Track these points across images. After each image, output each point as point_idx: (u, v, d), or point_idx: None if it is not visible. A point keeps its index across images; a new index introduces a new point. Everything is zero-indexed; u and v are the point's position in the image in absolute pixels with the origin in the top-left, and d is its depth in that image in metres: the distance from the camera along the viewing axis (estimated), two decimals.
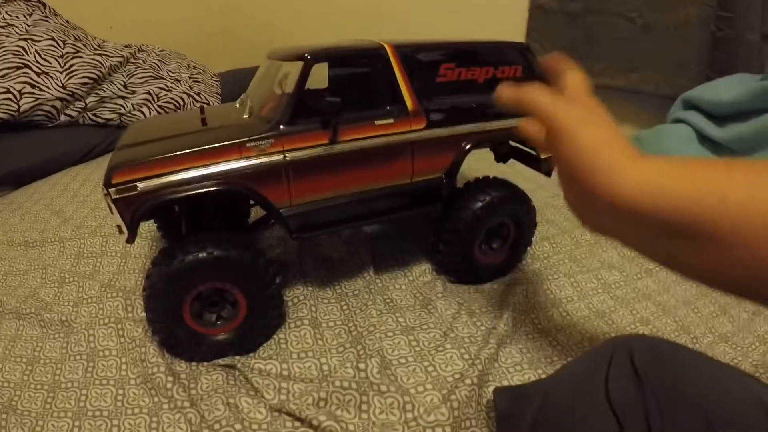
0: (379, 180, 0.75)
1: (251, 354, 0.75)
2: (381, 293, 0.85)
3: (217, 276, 0.69)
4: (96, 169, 1.35)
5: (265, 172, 0.68)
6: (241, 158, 0.66)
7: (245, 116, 0.75)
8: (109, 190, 0.64)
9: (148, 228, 1.00)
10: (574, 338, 0.77)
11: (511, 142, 0.90)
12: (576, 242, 1.01)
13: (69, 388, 0.72)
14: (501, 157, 0.96)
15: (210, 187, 0.66)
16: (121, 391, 0.71)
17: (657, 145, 1.37)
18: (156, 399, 0.69)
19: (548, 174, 0.91)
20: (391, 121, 0.72)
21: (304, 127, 0.68)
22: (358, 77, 0.74)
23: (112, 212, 0.66)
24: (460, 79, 0.78)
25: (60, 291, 0.91)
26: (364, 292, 0.85)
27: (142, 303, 0.84)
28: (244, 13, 2.19)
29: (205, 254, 0.67)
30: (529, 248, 0.95)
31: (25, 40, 1.40)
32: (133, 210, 0.65)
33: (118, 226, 0.67)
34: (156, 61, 1.71)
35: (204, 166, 0.65)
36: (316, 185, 0.71)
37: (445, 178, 0.79)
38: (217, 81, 1.83)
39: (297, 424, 0.65)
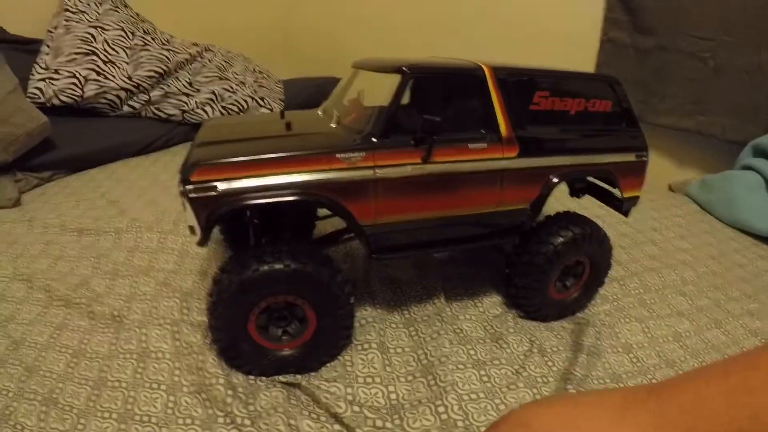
0: (467, 206, 0.72)
1: (313, 374, 0.71)
2: (451, 322, 0.81)
3: (291, 290, 0.66)
4: (154, 163, 1.34)
5: (353, 186, 0.65)
6: (331, 169, 0.63)
7: (332, 125, 0.72)
8: (187, 187, 0.61)
9: None
10: None
11: (589, 178, 0.87)
12: (644, 286, 0.97)
13: (116, 387, 0.68)
14: (575, 192, 0.93)
15: (292, 196, 0.63)
16: (172, 398, 0.67)
17: (724, 191, 1.33)
18: (210, 411, 0.65)
19: (626, 214, 0.87)
20: (484, 146, 0.69)
21: (397, 143, 0.66)
22: (454, 97, 0.71)
23: (185, 210, 0.63)
24: (553, 108, 0.75)
25: (113, 283, 0.88)
26: (434, 320, 0.81)
27: (199, 306, 0.82)
28: (307, 25, 2.19)
29: (281, 266, 0.63)
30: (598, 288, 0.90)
31: (95, 27, 1.41)
32: (209, 211, 0.62)
33: (191, 227, 0.64)
34: (222, 62, 1.71)
35: (290, 173, 0.62)
36: (403, 205, 0.68)
37: (531, 210, 0.76)
38: (281, 87, 1.82)
39: None
